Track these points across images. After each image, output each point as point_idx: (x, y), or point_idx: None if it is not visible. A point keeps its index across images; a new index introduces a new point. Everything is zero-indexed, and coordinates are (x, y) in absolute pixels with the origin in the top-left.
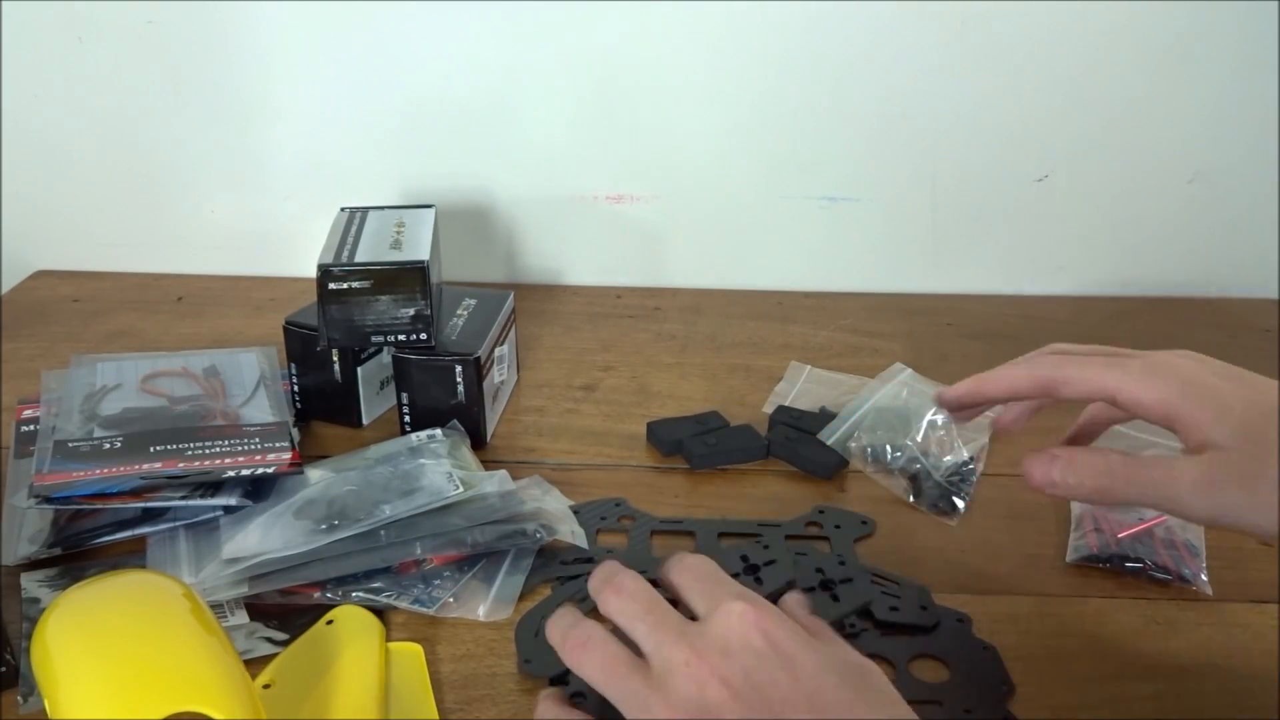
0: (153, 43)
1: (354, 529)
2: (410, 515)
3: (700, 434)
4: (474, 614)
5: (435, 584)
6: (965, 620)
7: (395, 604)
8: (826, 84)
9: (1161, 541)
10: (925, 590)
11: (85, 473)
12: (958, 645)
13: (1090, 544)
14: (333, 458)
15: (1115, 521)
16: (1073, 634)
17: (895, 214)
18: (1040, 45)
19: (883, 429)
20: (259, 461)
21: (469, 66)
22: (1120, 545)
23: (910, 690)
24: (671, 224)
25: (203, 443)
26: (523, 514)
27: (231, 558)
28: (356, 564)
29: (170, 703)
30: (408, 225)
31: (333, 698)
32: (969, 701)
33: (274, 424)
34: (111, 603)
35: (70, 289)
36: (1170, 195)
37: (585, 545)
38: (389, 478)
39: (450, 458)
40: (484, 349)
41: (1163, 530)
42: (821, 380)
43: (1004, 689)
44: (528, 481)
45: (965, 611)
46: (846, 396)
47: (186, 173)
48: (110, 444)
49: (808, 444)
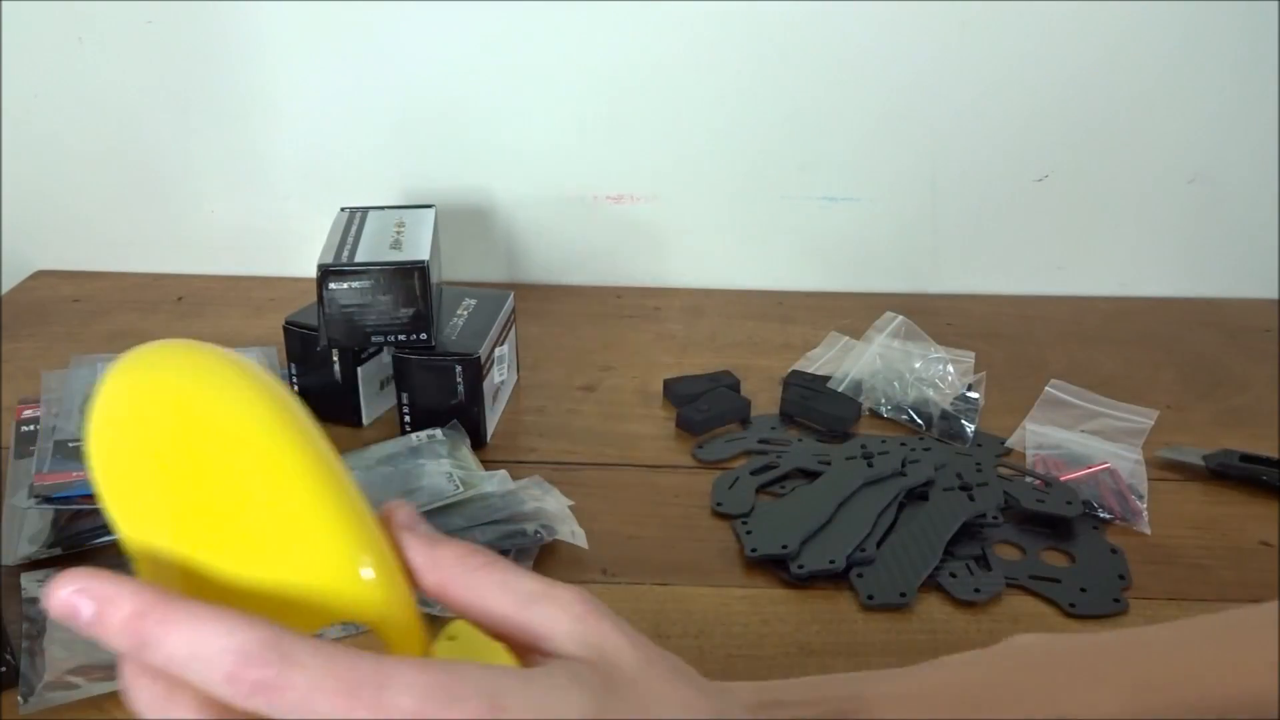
0: (153, 43)
1: None
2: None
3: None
4: None
5: None
6: (1099, 526)
7: None
8: (827, 84)
9: (1107, 487)
10: (1071, 488)
11: (85, 473)
12: (1087, 543)
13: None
14: None
15: (1063, 466)
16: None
17: (895, 214)
18: (1040, 45)
19: (887, 372)
20: None
21: (469, 66)
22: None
23: (1034, 568)
24: (671, 224)
25: None
26: (523, 514)
27: None
28: None
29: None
30: (408, 225)
31: None
32: (1086, 583)
33: None
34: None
35: (70, 289)
36: (1170, 195)
37: (584, 544)
38: (389, 477)
39: (450, 458)
40: (484, 349)
41: (1108, 476)
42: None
43: (1122, 581)
44: (528, 481)
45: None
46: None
47: (186, 173)
48: None
49: (821, 399)
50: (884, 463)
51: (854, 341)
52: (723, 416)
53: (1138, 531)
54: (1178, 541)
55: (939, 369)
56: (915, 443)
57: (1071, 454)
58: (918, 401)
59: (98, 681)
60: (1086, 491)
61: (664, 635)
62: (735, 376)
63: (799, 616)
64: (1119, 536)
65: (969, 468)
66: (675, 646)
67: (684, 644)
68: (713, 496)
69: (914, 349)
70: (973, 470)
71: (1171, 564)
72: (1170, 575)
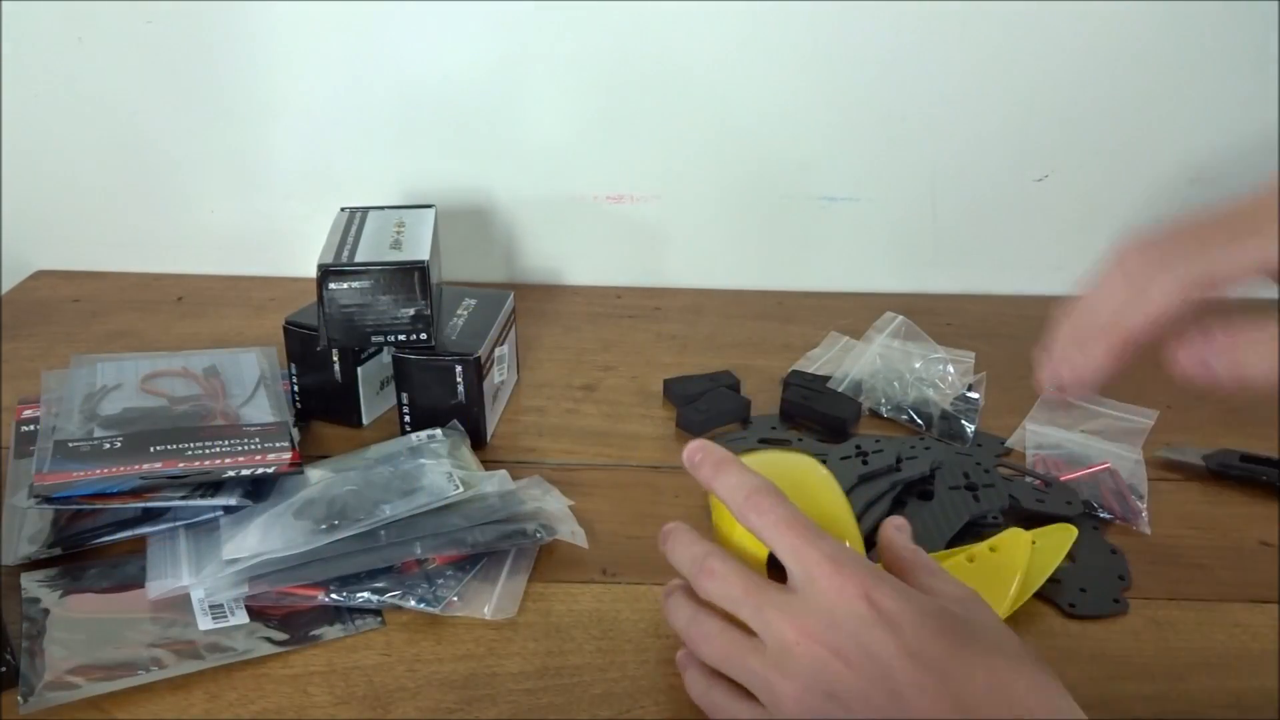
0: (153, 43)
1: (354, 529)
2: (410, 515)
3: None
4: (480, 613)
5: (439, 583)
6: (1099, 526)
7: (400, 604)
8: (826, 84)
9: (1107, 487)
10: (1071, 488)
11: (85, 473)
12: (1087, 543)
13: None
14: (333, 458)
15: (1063, 466)
16: (1071, 635)
17: (895, 214)
18: (1040, 45)
19: (887, 371)
20: (259, 461)
21: (469, 66)
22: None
23: None
24: (671, 224)
25: (203, 443)
26: (523, 514)
27: (232, 558)
28: (357, 564)
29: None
30: (408, 225)
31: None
32: (1086, 583)
33: (274, 424)
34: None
35: (70, 289)
36: (1170, 195)
37: (584, 544)
38: (389, 478)
39: (450, 458)
40: (484, 349)
41: (1108, 476)
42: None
43: (1122, 581)
44: (528, 481)
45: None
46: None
47: (186, 173)
48: (110, 444)
49: (821, 399)
50: (879, 459)
51: (854, 341)
52: (723, 416)
53: (1138, 531)
54: (1177, 541)
55: (939, 369)
56: (915, 442)
57: (1071, 454)
58: (918, 401)
59: (97, 681)
60: (1086, 491)
61: (664, 635)
62: (735, 376)
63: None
64: (1119, 536)
65: (973, 468)
66: (675, 646)
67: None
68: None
69: (914, 349)
70: (979, 470)
71: (1171, 564)
72: (1170, 575)
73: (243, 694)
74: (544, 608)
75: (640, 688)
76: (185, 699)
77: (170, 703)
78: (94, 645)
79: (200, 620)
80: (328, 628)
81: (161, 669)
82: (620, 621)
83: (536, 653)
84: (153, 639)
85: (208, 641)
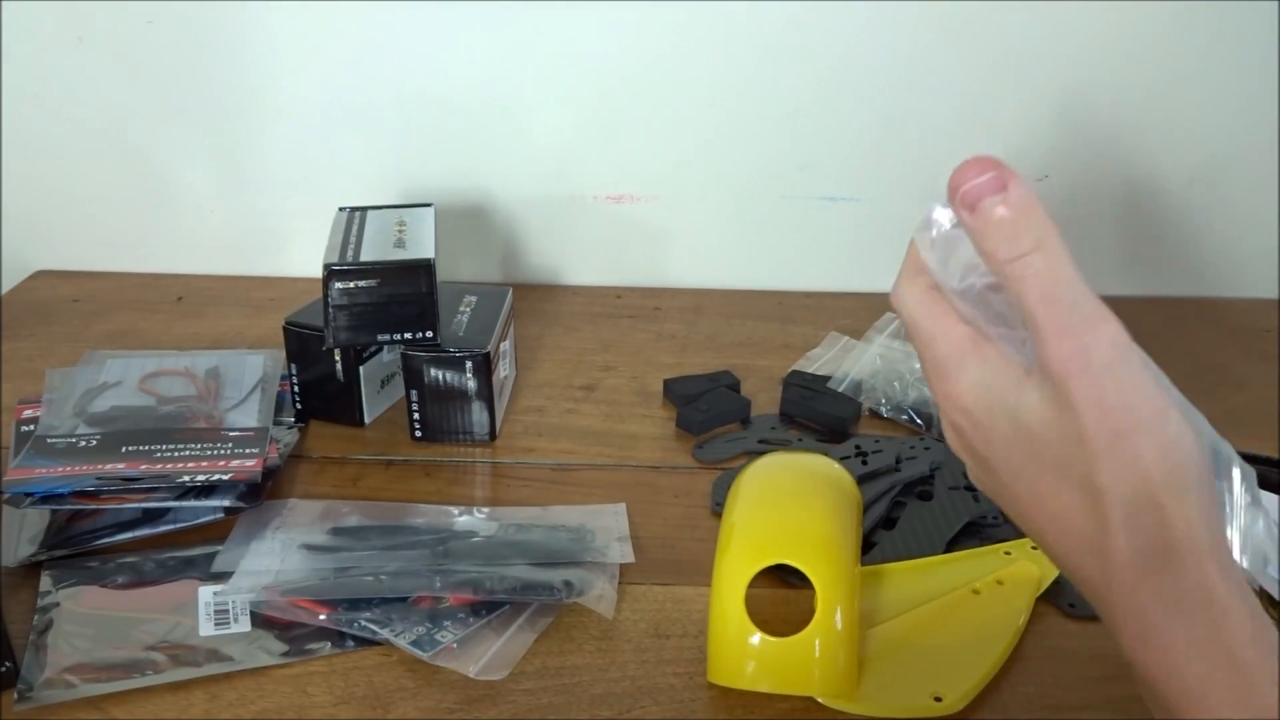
0: (152, 43)
1: (380, 542)
2: (445, 537)
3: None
4: (465, 669)
5: (445, 625)
6: None
7: (393, 641)
8: (826, 84)
9: None
10: None
11: (47, 470)
12: None
13: None
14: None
15: None
16: (1071, 635)
17: (895, 214)
18: (1040, 46)
19: (887, 372)
20: (220, 468)
21: (468, 66)
22: None
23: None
24: (671, 224)
25: (174, 445)
26: (574, 557)
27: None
28: (371, 589)
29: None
30: (409, 224)
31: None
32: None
33: (253, 430)
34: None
35: (70, 289)
36: (1170, 195)
37: (610, 615)
38: None
39: None
40: (492, 343)
41: None
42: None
43: None
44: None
45: None
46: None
47: (186, 173)
48: (86, 442)
49: (821, 399)
50: (878, 459)
51: (854, 341)
52: (723, 416)
53: None
54: None
55: None
56: (915, 442)
57: None
58: (918, 401)
59: (96, 682)
60: None
61: (664, 635)
62: (735, 376)
63: (799, 615)
64: None
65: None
66: (675, 646)
67: (684, 644)
68: (713, 496)
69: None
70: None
71: None
72: None
73: (242, 694)
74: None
75: (640, 688)
76: (185, 699)
77: (170, 703)
78: (94, 645)
79: (202, 625)
80: (326, 643)
81: (157, 673)
82: (620, 621)
83: (536, 652)
84: (154, 640)
85: (207, 648)
